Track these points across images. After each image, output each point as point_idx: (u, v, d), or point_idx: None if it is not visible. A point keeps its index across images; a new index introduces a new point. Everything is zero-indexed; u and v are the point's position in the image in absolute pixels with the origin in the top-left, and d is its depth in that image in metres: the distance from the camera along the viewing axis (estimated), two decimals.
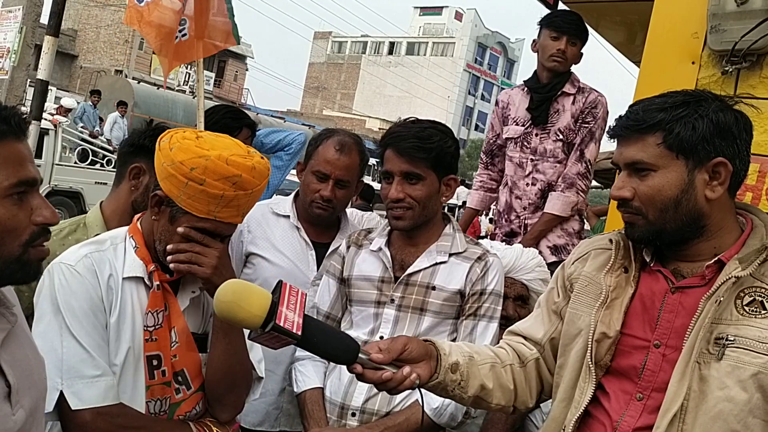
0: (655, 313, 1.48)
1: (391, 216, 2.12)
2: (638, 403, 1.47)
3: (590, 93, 3.35)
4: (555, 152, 3.35)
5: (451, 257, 2.13)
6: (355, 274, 2.20)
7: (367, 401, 2.05)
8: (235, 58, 39.44)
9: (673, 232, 1.45)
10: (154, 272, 1.72)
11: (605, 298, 1.54)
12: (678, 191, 1.42)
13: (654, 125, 1.43)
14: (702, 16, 2.12)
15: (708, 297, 1.40)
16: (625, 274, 1.55)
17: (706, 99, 1.44)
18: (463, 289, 2.10)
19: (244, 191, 1.64)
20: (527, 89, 3.48)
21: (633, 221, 1.49)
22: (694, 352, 1.39)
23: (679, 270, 1.50)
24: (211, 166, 1.59)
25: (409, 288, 2.11)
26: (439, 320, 2.09)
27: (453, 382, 1.59)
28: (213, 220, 1.66)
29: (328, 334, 1.45)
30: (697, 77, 2.15)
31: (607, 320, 1.53)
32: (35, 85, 5.67)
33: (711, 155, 1.41)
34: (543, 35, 3.38)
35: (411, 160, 2.06)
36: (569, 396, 1.58)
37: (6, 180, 1.17)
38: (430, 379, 1.54)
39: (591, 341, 1.53)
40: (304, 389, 2.15)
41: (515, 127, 3.47)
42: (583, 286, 1.61)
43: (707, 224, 1.45)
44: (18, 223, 1.20)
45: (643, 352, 1.48)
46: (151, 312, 1.70)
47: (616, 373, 1.53)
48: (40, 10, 6.44)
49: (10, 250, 1.19)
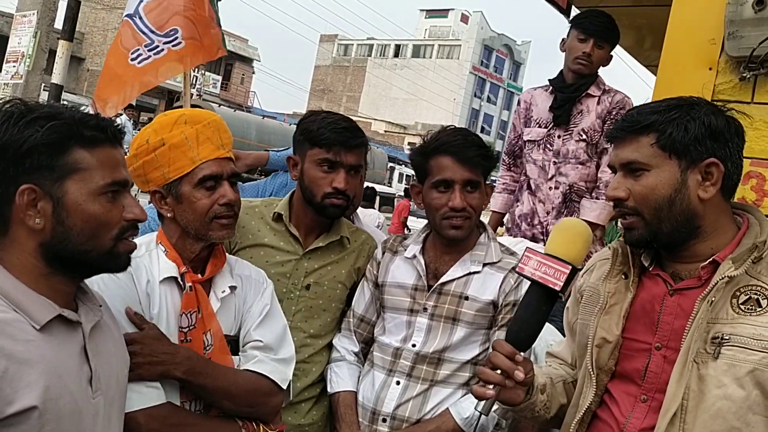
0: (655, 316, 1.52)
1: (450, 226, 2.06)
2: (643, 405, 1.50)
3: (616, 93, 3.31)
4: (577, 153, 3.30)
5: (485, 267, 2.11)
6: (389, 281, 2.19)
7: (398, 408, 2.06)
8: (241, 61, 39.51)
9: (669, 233, 1.48)
10: (186, 273, 1.75)
11: (603, 304, 1.58)
12: (671, 190, 1.46)
13: (647, 126, 1.47)
14: (719, 22, 2.13)
15: (703, 297, 1.43)
16: (624, 280, 1.59)
17: (698, 103, 1.49)
18: (496, 300, 2.08)
19: (200, 123, 1.75)
20: (551, 89, 3.42)
21: (631, 225, 1.52)
22: (691, 352, 1.42)
23: (677, 273, 1.53)
24: (157, 126, 1.75)
25: (442, 297, 2.10)
26: (471, 330, 2.08)
27: (540, 403, 1.63)
28: (204, 163, 1.75)
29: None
30: (715, 83, 2.16)
31: (606, 325, 1.56)
32: (50, 89, 5.73)
33: (703, 156, 1.45)
34: (571, 36, 3.33)
35: (472, 168, 2.04)
36: (576, 401, 1.63)
37: (102, 180, 1.34)
38: (523, 400, 1.58)
39: (591, 347, 1.57)
40: (337, 390, 2.17)
41: (537, 129, 3.42)
42: (589, 296, 1.66)
43: (702, 225, 1.48)
44: (111, 218, 1.36)
45: (645, 354, 1.52)
46: (185, 313, 1.73)
47: (620, 376, 1.56)
48: (54, 15, 6.49)
49: (103, 243, 1.36)
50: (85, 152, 1.33)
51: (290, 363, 1.88)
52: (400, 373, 2.10)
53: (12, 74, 6.36)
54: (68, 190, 1.31)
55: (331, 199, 2.16)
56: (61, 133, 1.30)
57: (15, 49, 6.48)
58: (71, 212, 1.31)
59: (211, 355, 1.75)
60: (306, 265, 2.23)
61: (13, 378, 1.19)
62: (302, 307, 2.22)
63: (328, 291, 2.25)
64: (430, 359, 2.08)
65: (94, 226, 1.33)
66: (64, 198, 1.30)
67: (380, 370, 2.14)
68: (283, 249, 2.23)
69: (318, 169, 2.16)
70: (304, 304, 2.22)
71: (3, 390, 1.17)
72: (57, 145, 1.30)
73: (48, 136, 1.28)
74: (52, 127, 1.29)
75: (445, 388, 2.07)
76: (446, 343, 2.07)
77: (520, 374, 1.47)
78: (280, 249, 2.23)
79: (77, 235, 1.32)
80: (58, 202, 1.30)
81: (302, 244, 2.24)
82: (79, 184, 1.31)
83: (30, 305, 1.28)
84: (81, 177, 1.32)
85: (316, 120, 2.18)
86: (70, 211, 1.31)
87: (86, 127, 1.33)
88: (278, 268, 2.20)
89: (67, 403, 1.28)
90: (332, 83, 66.49)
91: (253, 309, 1.88)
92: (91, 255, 1.34)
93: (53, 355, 1.28)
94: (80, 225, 1.32)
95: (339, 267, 2.28)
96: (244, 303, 1.88)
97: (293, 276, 2.21)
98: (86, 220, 1.32)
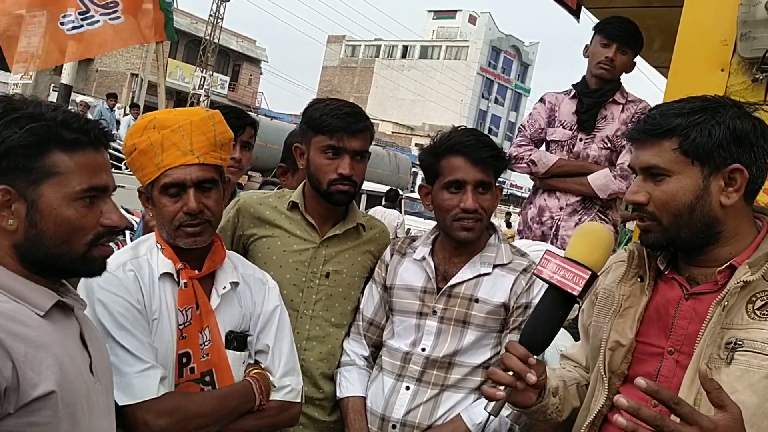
0: (669, 321, 1.49)
1: (461, 227, 2.03)
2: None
3: (641, 102, 3.31)
4: (599, 159, 3.29)
5: (495, 269, 2.08)
6: (397, 283, 2.16)
7: (408, 413, 2.03)
8: (249, 62, 39.61)
9: (687, 238, 1.45)
10: (182, 270, 1.76)
11: (618, 306, 1.55)
12: (693, 197, 1.42)
13: (670, 130, 1.43)
14: (731, 23, 2.12)
15: (717, 302, 1.40)
16: (639, 283, 1.56)
17: (724, 105, 1.44)
18: (508, 302, 2.05)
19: (167, 128, 1.73)
20: (574, 93, 3.40)
21: (647, 227, 1.49)
22: (704, 357, 1.39)
23: (693, 277, 1.50)
24: (132, 131, 1.76)
25: (451, 300, 2.07)
26: (482, 334, 2.05)
27: (552, 406, 1.60)
28: (168, 170, 1.73)
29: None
30: (727, 85, 2.15)
31: (620, 328, 1.54)
32: (59, 90, 5.75)
33: (727, 162, 1.41)
34: (594, 41, 3.31)
35: (485, 169, 2.02)
36: (587, 405, 1.61)
37: (78, 185, 1.33)
38: (534, 403, 1.55)
39: (604, 350, 1.54)
40: (346, 396, 2.15)
41: (562, 130, 3.39)
42: (603, 299, 1.63)
43: (722, 230, 1.45)
44: (85, 223, 1.35)
45: (657, 359, 1.49)
46: (182, 310, 1.75)
47: (633, 380, 1.53)
48: None
49: (76, 247, 1.35)
50: (64, 155, 1.32)
51: (300, 374, 1.94)
52: (409, 378, 2.07)
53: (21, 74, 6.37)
54: (43, 193, 1.30)
55: (337, 186, 2.14)
56: (40, 136, 1.29)
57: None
58: (44, 215, 1.31)
59: (209, 351, 1.77)
60: (324, 252, 2.23)
61: (33, 361, 1.22)
62: (323, 295, 2.22)
63: (347, 279, 2.25)
64: (440, 363, 2.05)
65: (68, 231, 1.33)
66: (39, 201, 1.30)
67: (389, 375, 2.11)
68: (300, 237, 2.23)
69: (323, 156, 2.15)
70: (324, 293, 2.22)
71: (27, 373, 1.20)
72: (35, 147, 1.29)
73: (26, 138, 1.27)
74: (32, 129, 1.28)
75: (456, 392, 2.04)
76: (456, 347, 2.04)
77: (532, 377, 1.44)
78: (298, 237, 2.23)
79: (50, 238, 1.32)
80: (32, 205, 1.30)
81: (319, 232, 2.24)
82: (54, 187, 1.31)
83: (30, 293, 1.30)
84: (57, 181, 1.31)
85: (319, 107, 2.17)
86: (44, 214, 1.31)
87: (68, 129, 1.33)
88: (296, 256, 2.21)
89: (80, 386, 1.31)
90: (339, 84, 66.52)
91: (263, 311, 1.90)
92: (63, 259, 1.34)
93: (61, 340, 1.31)
94: (53, 229, 1.31)
95: (356, 254, 2.28)
96: (251, 302, 1.89)
97: (312, 264, 2.21)
98: (59, 224, 1.32)
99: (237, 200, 2.33)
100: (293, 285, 2.19)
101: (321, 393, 2.20)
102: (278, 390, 1.85)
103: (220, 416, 1.72)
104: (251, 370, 1.84)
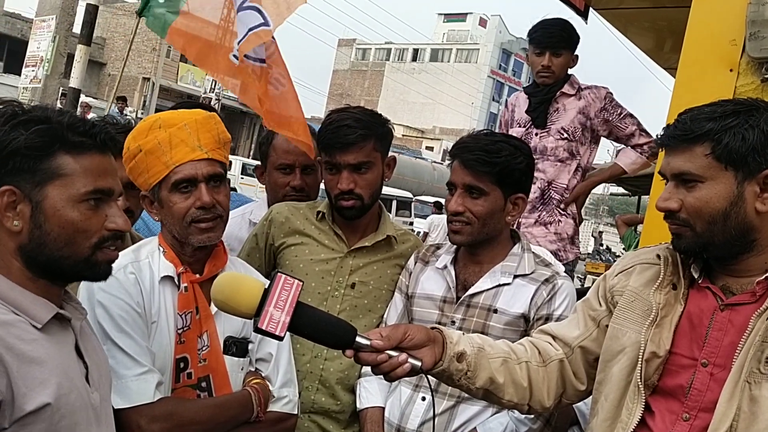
0: (703, 331, 1.44)
1: (450, 230, 2.03)
2: (684, 424, 1.42)
3: (599, 88, 3.36)
4: (556, 151, 3.36)
5: (516, 279, 2.03)
6: (418, 292, 2.13)
7: (422, 425, 1.99)
8: None
9: (721, 245, 1.41)
10: (183, 273, 1.75)
11: (656, 316, 1.49)
12: (726, 204, 1.38)
13: (702, 135, 1.39)
14: (740, 23, 2.08)
15: (759, 314, 1.36)
16: (673, 291, 1.51)
17: (757, 108, 1.40)
18: (527, 314, 1.99)
19: (174, 126, 1.72)
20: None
21: (680, 232, 1.45)
22: (744, 371, 1.34)
23: (728, 286, 1.45)
24: (135, 133, 1.74)
25: (470, 310, 2.02)
26: None
27: (459, 372, 1.55)
28: (178, 167, 1.72)
29: (321, 322, 1.44)
30: (736, 85, 2.11)
31: (657, 339, 1.48)
32: (68, 93, 5.79)
33: (762, 167, 1.36)
34: (529, 50, 3.42)
35: (474, 173, 1.98)
36: (614, 415, 1.52)
37: (83, 187, 1.33)
38: (434, 366, 1.51)
39: (641, 360, 1.48)
40: (366, 406, 2.11)
41: (517, 128, 3.49)
42: (630, 302, 1.56)
43: (757, 238, 1.41)
44: (89, 226, 1.35)
45: (690, 371, 1.44)
46: (181, 314, 1.74)
47: (662, 392, 1.48)
48: (73, 20, 6.58)
49: (80, 250, 1.35)
50: (70, 158, 1.33)
51: (296, 385, 1.94)
52: (425, 388, 2.01)
53: (31, 78, 6.44)
54: (48, 195, 1.31)
55: (341, 201, 2.17)
56: (46, 138, 1.30)
57: (34, 53, 6.56)
58: (49, 217, 1.31)
59: (205, 357, 1.75)
60: (351, 263, 2.22)
61: (26, 376, 1.22)
62: (347, 306, 2.20)
63: (374, 291, 2.23)
64: None
65: (71, 233, 1.33)
66: (43, 202, 1.31)
67: (406, 385, 2.07)
68: (327, 246, 2.24)
69: (327, 173, 2.21)
70: (348, 303, 2.20)
71: (20, 388, 1.20)
72: (40, 149, 1.30)
73: (32, 139, 1.29)
74: (38, 131, 1.30)
75: (473, 405, 1.98)
76: None
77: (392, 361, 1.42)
78: (325, 246, 2.24)
79: (53, 240, 1.32)
80: (36, 206, 1.31)
81: (347, 243, 2.24)
82: (59, 189, 1.32)
83: (29, 305, 1.30)
84: (62, 182, 1.32)
85: (324, 122, 2.20)
86: (48, 215, 1.31)
87: (74, 132, 1.34)
88: (322, 265, 2.21)
89: (77, 398, 1.31)
90: (350, 87, 66.66)
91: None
92: (67, 262, 1.34)
93: (57, 352, 1.31)
94: (57, 230, 1.32)
95: (385, 266, 2.26)
96: None
97: (337, 273, 2.21)
98: (63, 226, 1.32)
99: (270, 211, 2.35)
100: (318, 293, 2.19)
101: (338, 405, 2.17)
102: (276, 401, 1.84)
103: (215, 425, 1.70)
104: (252, 379, 1.82)
